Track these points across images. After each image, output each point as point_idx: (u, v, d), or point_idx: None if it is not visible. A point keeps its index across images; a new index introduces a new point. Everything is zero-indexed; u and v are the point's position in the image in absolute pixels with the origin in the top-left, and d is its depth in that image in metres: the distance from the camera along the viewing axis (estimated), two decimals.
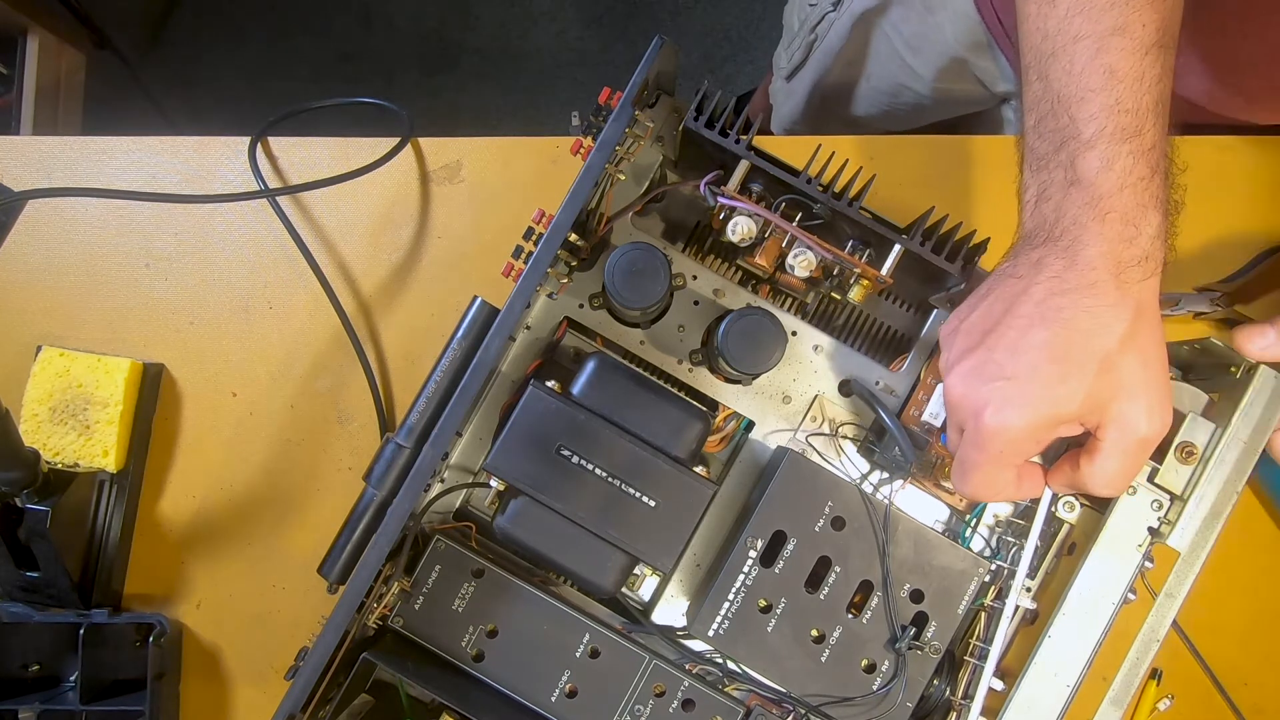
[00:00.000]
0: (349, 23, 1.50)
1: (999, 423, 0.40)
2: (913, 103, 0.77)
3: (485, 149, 0.63)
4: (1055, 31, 0.41)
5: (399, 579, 0.48)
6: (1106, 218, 0.39)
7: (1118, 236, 0.39)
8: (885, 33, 0.73)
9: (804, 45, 0.79)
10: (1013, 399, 0.40)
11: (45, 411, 0.58)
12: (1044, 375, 0.39)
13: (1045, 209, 0.41)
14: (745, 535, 0.49)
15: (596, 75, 1.50)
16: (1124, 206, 0.39)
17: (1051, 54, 0.41)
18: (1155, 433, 0.41)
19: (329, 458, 0.61)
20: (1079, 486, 0.44)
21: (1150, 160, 0.39)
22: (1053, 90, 0.41)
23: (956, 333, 0.43)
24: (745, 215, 0.49)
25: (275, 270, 0.62)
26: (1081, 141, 0.40)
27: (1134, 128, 0.39)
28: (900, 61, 0.74)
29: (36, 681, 0.57)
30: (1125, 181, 0.39)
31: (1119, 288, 0.39)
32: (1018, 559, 0.49)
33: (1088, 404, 0.40)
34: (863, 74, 0.78)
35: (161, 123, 1.42)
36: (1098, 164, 0.39)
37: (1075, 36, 0.40)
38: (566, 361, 0.53)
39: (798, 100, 0.85)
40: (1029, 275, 0.41)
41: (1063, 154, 0.40)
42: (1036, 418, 0.40)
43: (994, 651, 0.48)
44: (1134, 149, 0.39)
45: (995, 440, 0.41)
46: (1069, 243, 0.40)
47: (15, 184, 0.62)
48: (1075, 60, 0.40)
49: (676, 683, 0.49)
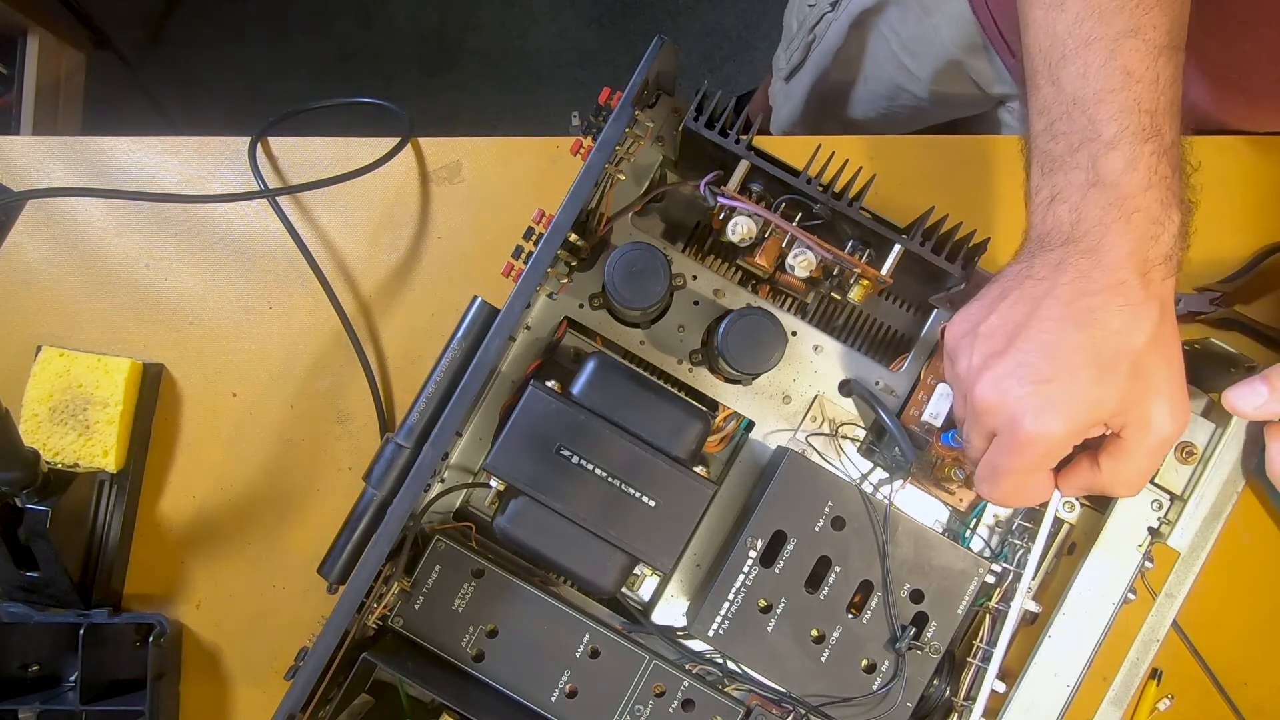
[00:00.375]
0: (349, 23, 1.50)
1: (1040, 428, 0.39)
2: (910, 105, 0.77)
3: (485, 149, 0.63)
4: (1065, 35, 0.40)
5: (399, 579, 0.48)
6: (1132, 217, 0.39)
7: (1143, 236, 0.39)
8: (883, 34, 0.73)
9: (802, 46, 0.79)
10: (1054, 403, 0.39)
11: (45, 411, 0.58)
12: (1082, 378, 0.39)
13: (1061, 210, 0.41)
14: (745, 535, 0.49)
15: (596, 75, 1.50)
16: (1149, 205, 0.39)
17: (1063, 58, 0.41)
18: (1177, 431, 0.41)
19: (329, 458, 0.61)
20: (1096, 488, 0.43)
21: (1171, 159, 0.39)
22: (1066, 93, 0.40)
23: (975, 336, 0.42)
24: (745, 215, 0.49)
25: (275, 270, 0.62)
26: (1103, 142, 0.39)
27: (1154, 127, 0.39)
28: (897, 63, 0.74)
29: (36, 681, 0.57)
30: (1150, 181, 0.39)
31: (1145, 287, 0.39)
32: (1023, 561, 0.49)
33: (1120, 404, 0.39)
34: (860, 76, 0.78)
35: (161, 123, 1.42)
36: (1121, 164, 0.39)
37: (1087, 40, 0.40)
38: (566, 361, 0.53)
39: (796, 102, 0.85)
40: (1051, 276, 0.40)
41: (1081, 155, 0.40)
42: (1078, 421, 0.39)
43: (997, 654, 0.48)
44: (1156, 148, 0.39)
45: (1036, 445, 0.40)
46: (1092, 244, 0.39)
47: (15, 184, 0.62)
48: (1090, 63, 0.40)
49: (676, 683, 0.49)
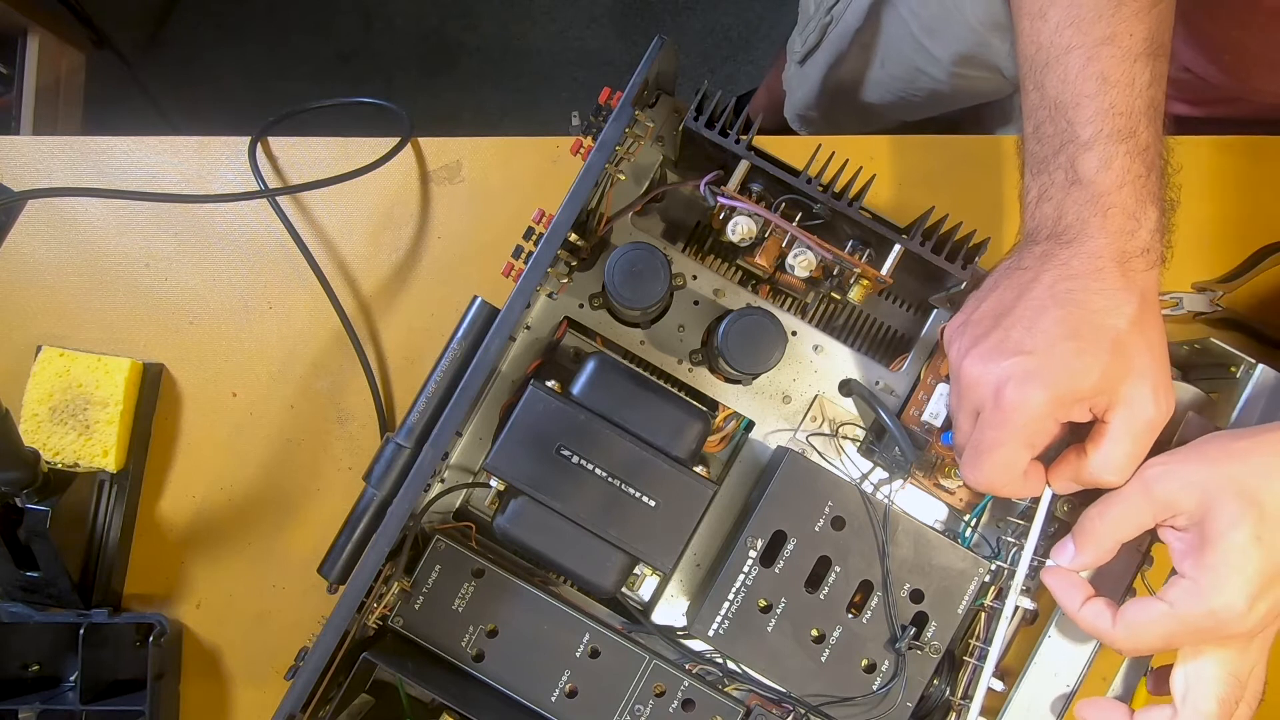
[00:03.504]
0: (349, 23, 1.50)
1: (1021, 397, 0.41)
2: (928, 90, 0.77)
3: (485, 149, 0.63)
4: (1048, 44, 0.43)
5: (399, 579, 0.48)
6: (1108, 213, 0.41)
7: (1119, 230, 0.41)
8: (903, 16, 0.72)
9: (819, 28, 0.79)
10: (1034, 373, 0.40)
11: (45, 411, 0.58)
12: (1061, 350, 0.40)
13: (1046, 208, 0.43)
14: (745, 535, 0.49)
15: (596, 75, 1.50)
16: (1124, 202, 0.41)
17: (1045, 64, 0.43)
18: (1162, 416, 0.42)
19: (329, 458, 0.61)
20: (1084, 478, 0.44)
21: (1146, 159, 0.41)
22: (1049, 98, 0.43)
23: (966, 324, 0.44)
24: (745, 215, 0.49)
25: (275, 270, 0.62)
26: (1080, 143, 0.41)
27: (1128, 129, 0.41)
28: (916, 45, 0.73)
29: (36, 681, 0.57)
30: (1124, 179, 0.41)
31: (1124, 275, 0.41)
32: (1017, 559, 0.49)
33: (1102, 382, 0.41)
34: (877, 59, 0.78)
35: (161, 123, 1.42)
36: (1096, 163, 0.41)
37: (1067, 48, 0.42)
38: (566, 361, 0.53)
39: (811, 85, 0.84)
40: (1036, 267, 0.42)
41: (1062, 156, 0.42)
42: (1057, 391, 0.40)
43: (994, 652, 0.48)
44: (1130, 149, 0.41)
45: (1017, 415, 0.41)
46: (1073, 237, 0.42)
47: (15, 184, 0.62)
48: (1069, 69, 0.42)
49: (676, 683, 0.49)
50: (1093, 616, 0.44)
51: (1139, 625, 0.42)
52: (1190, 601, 0.40)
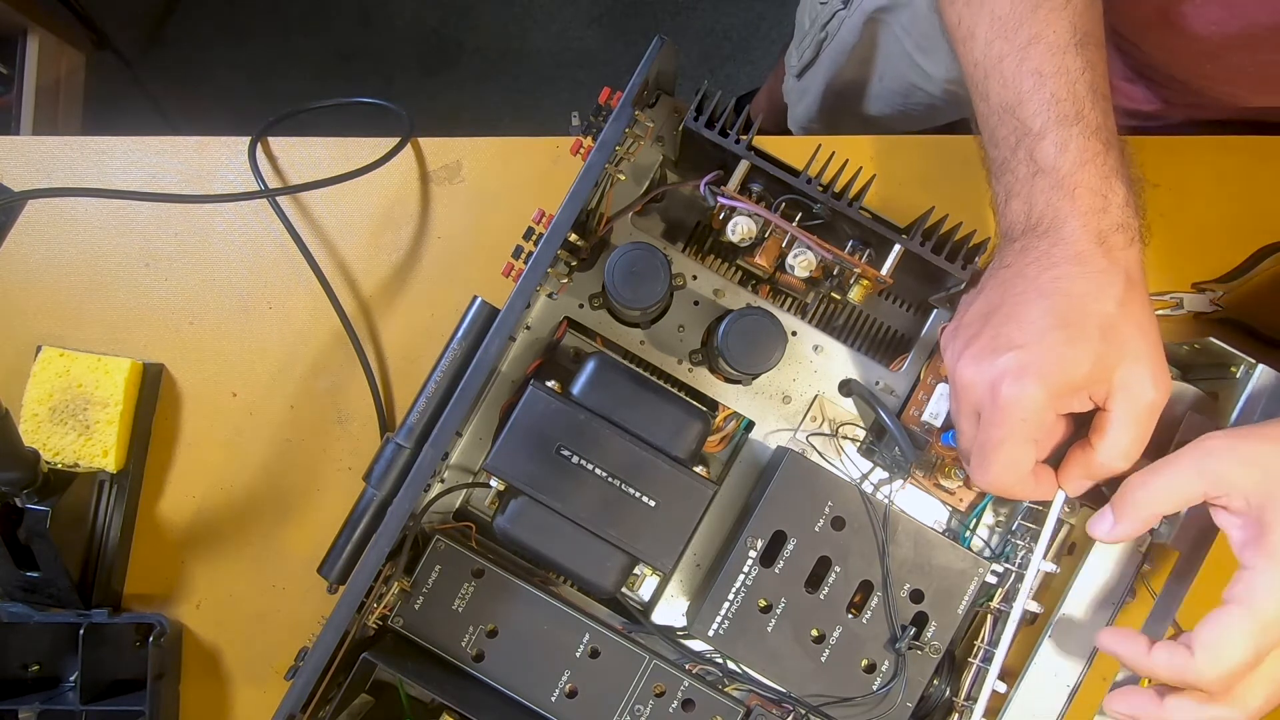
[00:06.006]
0: (349, 23, 1.50)
1: (1018, 390, 0.40)
2: (925, 103, 0.77)
3: (485, 149, 0.63)
4: (982, 58, 0.45)
5: (399, 579, 0.48)
6: (1075, 193, 0.42)
7: (1090, 208, 0.42)
8: (896, 34, 0.73)
9: (814, 43, 0.79)
10: (1027, 366, 0.40)
11: (45, 411, 0.58)
12: (1052, 339, 0.40)
13: (1016, 205, 0.44)
14: (745, 535, 0.49)
15: (596, 75, 1.50)
16: (1088, 180, 0.42)
17: (985, 76, 0.45)
18: (1161, 397, 0.42)
19: (329, 458, 0.61)
20: (1094, 470, 0.43)
21: (1101, 137, 0.42)
22: (995, 104, 0.45)
23: (958, 329, 0.45)
24: (745, 215, 0.49)
25: (275, 270, 0.62)
26: (1034, 135, 0.43)
27: (1075, 113, 0.42)
28: (911, 62, 0.73)
29: (36, 681, 0.57)
30: (1083, 158, 0.42)
31: (1105, 254, 0.41)
32: (1025, 562, 0.49)
33: (1097, 369, 0.41)
34: (875, 73, 0.78)
35: (161, 123, 1.42)
36: (1054, 149, 0.42)
37: (999, 56, 0.44)
38: (566, 361, 0.53)
39: (812, 98, 0.84)
40: (1017, 261, 0.43)
41: (1020, 151, 0.44)
42: (1052, 382, 0.40)
43: (999, 654, 0.48)
44: (1082, 130, 0.42)
45: (1016, 409, 0.41)
46: (1047, 225, 0.42)
47: (15, 184, 0.62)
48: (1005, 73, 0.44)
49: (676, 683, 0.49)
50: (1167, 659, 0.40)
51: (1220, 643, 0.38)
52: (1266, 591, 0.37)
